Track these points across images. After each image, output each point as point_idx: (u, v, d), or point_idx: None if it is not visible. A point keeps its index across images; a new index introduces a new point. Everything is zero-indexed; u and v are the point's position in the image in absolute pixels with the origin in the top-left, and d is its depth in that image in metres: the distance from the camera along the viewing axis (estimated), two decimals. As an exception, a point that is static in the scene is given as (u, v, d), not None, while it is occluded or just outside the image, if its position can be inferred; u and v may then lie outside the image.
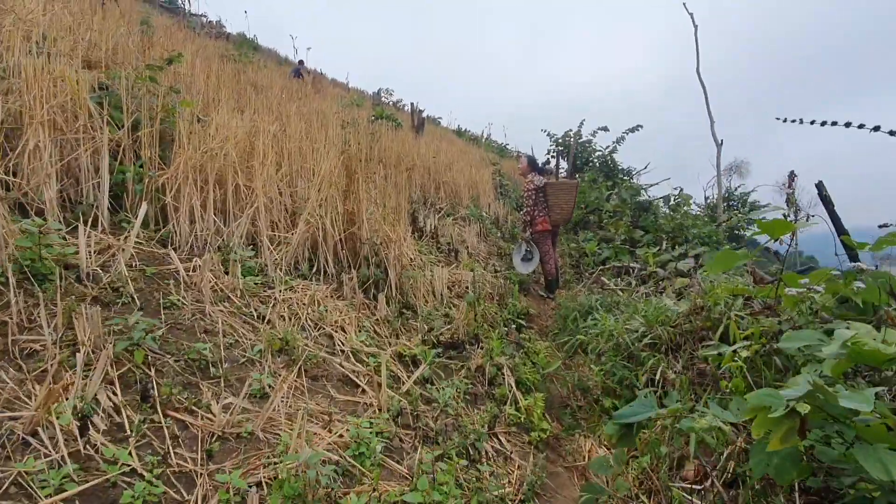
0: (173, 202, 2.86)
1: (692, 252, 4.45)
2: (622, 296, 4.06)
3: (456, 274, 4.45)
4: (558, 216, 4.81)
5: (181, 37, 8.09)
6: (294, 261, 3.12)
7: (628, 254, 5.58)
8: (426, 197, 7.09)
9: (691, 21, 11.75)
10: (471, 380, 2.68)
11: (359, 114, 10.10)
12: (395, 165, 6.55)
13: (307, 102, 6.91)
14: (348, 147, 5.09)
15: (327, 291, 3.00)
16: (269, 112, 4.57)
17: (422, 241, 5.00)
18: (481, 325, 3.18)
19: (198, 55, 5.97)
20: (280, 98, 5.57)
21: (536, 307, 4.81)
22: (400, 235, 3.54)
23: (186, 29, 10.61)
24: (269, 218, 3.29)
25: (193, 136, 3.07)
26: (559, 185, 4.75)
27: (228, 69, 6.06)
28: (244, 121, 3.58)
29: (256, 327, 2.37)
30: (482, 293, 4.19)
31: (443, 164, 8.16)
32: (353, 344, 2.51)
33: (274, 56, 20.79)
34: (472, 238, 6.01)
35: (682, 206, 6.87)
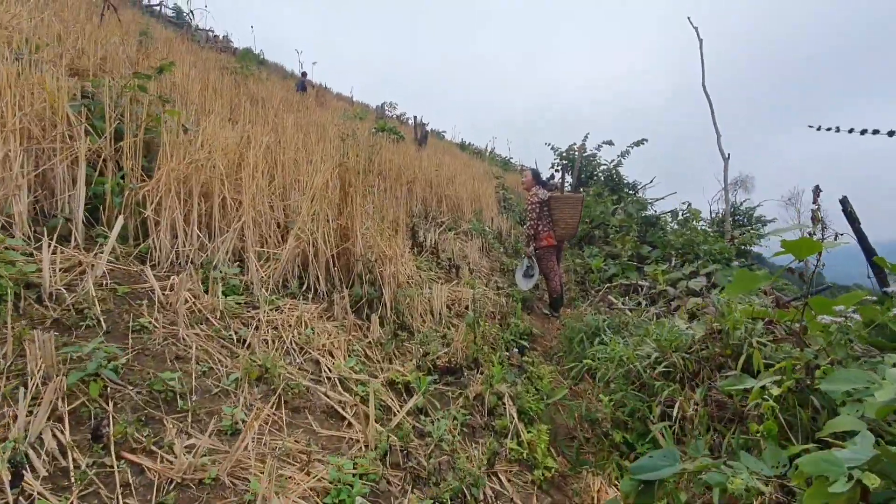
0: (154, 216, 2.69)
1: (704, 270, 4.24)
2: (631, 316, 3.84)
3: (456, 291, 4.26)
4: (563, 231, 4.63)
5: (182, 49, 8.06)
6: (283, 278, 2.94)
7: (636, 270, 5.37)
8: (427, 211, 6.93)
9: (696, 35, 11.67)
10: (469, 409, 2.47)
11: (361, 126, 10.03)
12: (395, 178, 6.41)
13: (307, 114, 6.81)
14: (346, 159, 4.95)
15: (316, 311, 2.81)
16: (264, 123, 4.44)
17: (421, 257, 4.81)
18: (481, 349, 2.98)
19: (195, 66, 5.89)
20: (277, 109, 5.45)
21: (540, 326, 4.60)
22: (396, 251, 3.36)
23: (190, 42, 10.65)
24: (259, 233, 3.12)
25: (179, 146, 2.92)
26: (564, 199, 4.58)
27: (226, 80, 5.97)
28: (235, 131, 3.44)
29: (235, 353, 2.17)
30: (483, 312, 3.99)
31: (445, 178, 8.02)
32: (340, 371, 2.31)
33: (280, 70, 20.95)
34: (474, 253, 5.82)
35: (691, 220, 6.67)
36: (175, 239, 2.71)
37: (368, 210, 4.01)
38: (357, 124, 9.99)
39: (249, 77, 8.29)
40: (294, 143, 4.34)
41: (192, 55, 7.96)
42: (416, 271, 4.26)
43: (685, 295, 4.04)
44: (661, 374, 2.46)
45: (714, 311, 3.45)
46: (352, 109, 15.62)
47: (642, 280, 4.72)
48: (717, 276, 4.12)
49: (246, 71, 8.52)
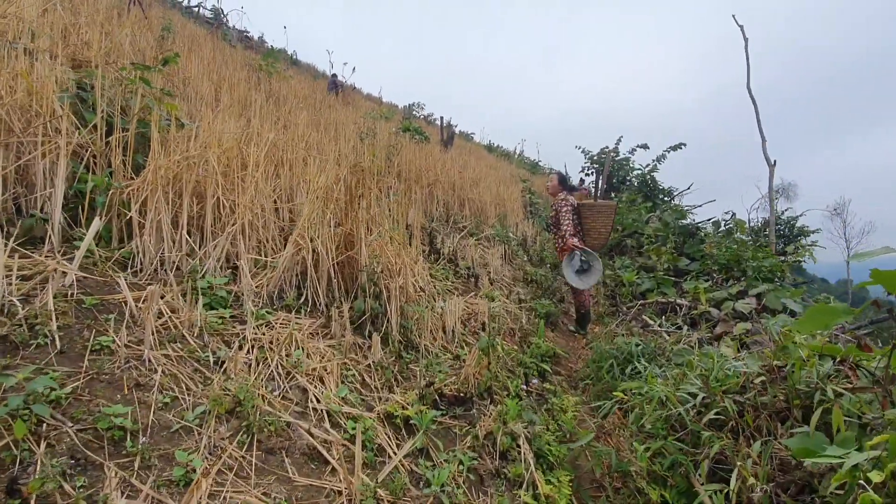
0: (139, 217, 2.46)
1: (753, 290, 3.76)
2: (669, 341, 3.41)
3: (473, 304, 3.91)
4: (595, 241, 4.21)
5: (208, 46, 8.00)
6: (278, 289, 2.66)
7: (672, 286, 4.90)
8: (449, 214, 6.61)
9: (741, 34, 10.96)
10: (477, 451, 2.12)
11: (384, 126, 9.81)
12: (415, 180, 6.12)
13: (328, 112, 6.60)
14: (361, 160, 4.68)
15: (312, 328, 2.52)
16: (276, 120, 4.21)
17: (438, 265, 4.49)
18: (495, 376, 2.62)
19: (213, 61, 5.75)
20: (292, 106, 5.23)
21: (564, 345, 4.20)
22: (406, 261, 3.04)
23: (219, 40, 10.66)
24: (256, 238, 2.86)
25: (171, 142, 2.69)
26: (596, 207, 4.17)
27: (244, 77, 5.80)
28: (236, 126, 3.20)
29: (209, 378, 1.89)
30: (501, 330, 3.63)
31: (469, 180, 7.68)
32: (330, 402, 2.00)
33: (312, 71, 21.06)
34: (496, 261, 5.46)
35: (734, 232, 6.11)
36: (161, 244, 2.47)
37: (379, 214, 3.72)
38: (381, 124, 9.78)
39: (273, 75, 8.17)
40: (305, 141, 4.10)
41: (218, 52, 7.91)
42: (429, 281, 3.95)
43: (731, 318, 3.58)
44: (710, 421, 2.05)
45: (768, 342, 2.99)
46: (379, 109, 15.47)
47: (680, 298, 4.25)
48: (768, 297, 3.64)
49: (270, 69, 8.40)
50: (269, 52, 9.66)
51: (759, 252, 4.32)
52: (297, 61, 21.96)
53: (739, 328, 3.26)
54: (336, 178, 3.04)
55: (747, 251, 4.25)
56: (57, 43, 3.15)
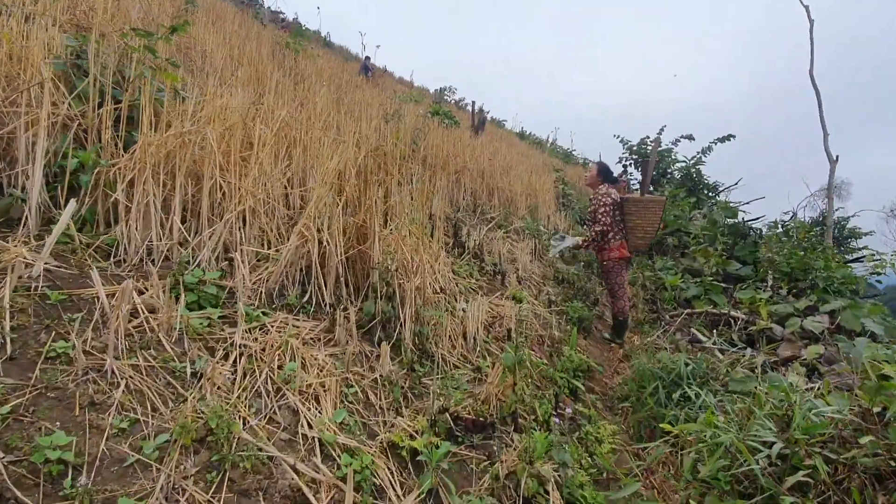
0: (125, 200, 2.19)
1: (826, 307, 3.25)
2: (723, 361, 2.97)
3: (498, 306, 3.55)
4: (640, 241, 3.75)
5: (235, 22, 7.78)
6: (279, 286, 2.36)
7: (722, 293, 4.39)
8: (476, 204, 6.23)
9: (807, 16, 9.99)
10: (497, 495, 1.78)
11: (413, 109, 9.43)
12: (442, 167, 5.75)
13: (353, 92, 6.27)
14: (383, 142, 4.34)
15: (314, 332, 2.21)
16: (292, 97, 3.91)
17: (461, 260, 4.13)
18: (521, 399, 2.26)
19: (235, 36, 5.49)
20: (313, 84, 4.92)
21: (599, 355, 3.79)
22: (424, 257, 2.70)
23: (250, 17, 10.46)
24: (259, 226, 2.56)
25: (166, 115, 2.41)
26: (643, 202, 3.69)
27: (266, 52, 5.52)
28: (244, 100, 2.89)
29: (182, 396, 1.61)
30: (529, 337, 3.25)
31: (499, 168, 7.25)
32: (324, 428, 1.69)
33: (345, 53, 20.82)
34: (525, 257, 5.06)
35: (793, 235, 5.50)
36: (149, 230, 2.20)
37: (399, 203, 3.38)
38: (408, 107, 9.40)
39: (300, 53, 7.88)
40: (323, 121, 3.77)
41: (244, 29, 7.67)
42: (451, 278, 3.60)
43: (798, 338, 3.09)
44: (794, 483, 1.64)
45: (850, 374, 2.52)
46: (409, 93, 15.08)
47: (734, 309, 3.76)
48: (844, 315, 3.13)
49: (298, 47, 8.12)
50: (297, 31, 9.38)
51: (831, 260, 3.77)
52: (329, 43, 21.77)
53: (811, 352, 2.78)
54: (350, 161, 2.70)
55: (818, 259, 3.70)
56: (59, 7, 2.90)
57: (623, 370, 3.56)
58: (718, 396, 2.51)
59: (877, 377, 2.29)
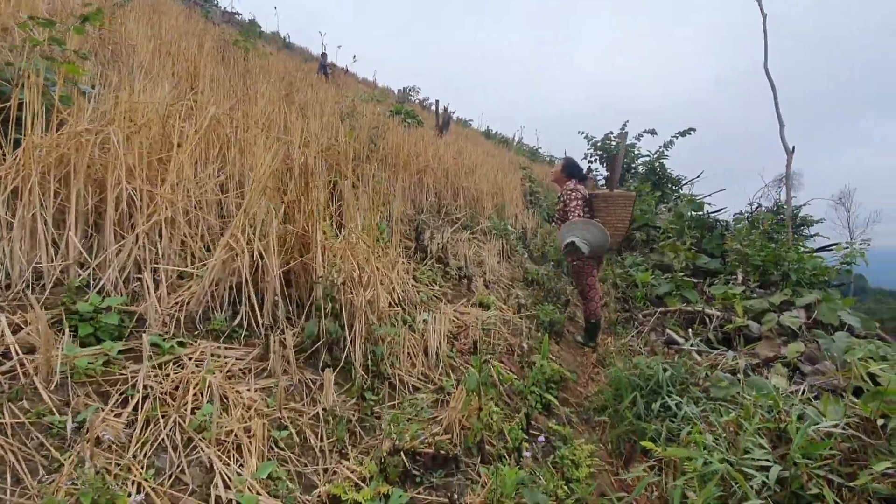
0: (6, 215, 1.81)
1: (801, 300, 3.14)
2: (702, 364, 2.80)
3: (463, 315, 3.29)
4: (611, 238, 3.57)
5: (178, 18, 7.28)
6: (203, 309, 2.02)
7: (694, 288, 4.27)
8: (441, 204, 5.96)
9: (759, 9, 10.20)
10: (461, 548, 1.51)
11: (374, 109, 9.10)
12: (403, 167, 5.45)
13: (306, 91, 5.90)
14: (336, 142, 4.02)
15: (244, 362, 1.89)
16: (227, 93, 3.54)
17: (424, 266, 3.86)
18: (487, 424, 2.00)
19: (173, 30, 5.05)
20: (256, 78, 4.54)
21: (572, 360, 3.59)
22: (374, 266, 2.40)
23: (197, 14, 9.87)
24: (181, 239, 2.22)
25: (60, 113, 2.04)
26: (612, 198, 3.51)
27: (207, 48, 5.09)
28: (164, 96, 2.53)
29: (57, 461, 1.27)
30: (497, 348, 3.01)
31: (464, 167, 7.01)
32: (245, 487, 1.38)
33: (305, 54, 20.20)
34: (493, 259, 4.83)
35: (759, 226, 5.47)
36: (37, 250, 1.83)
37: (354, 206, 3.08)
38: (367, 106, 9.05)
39: (249, 51, 7.42)
40: (265, 119, 3.43)
41: (189, 25, 7.17)
42: (412, 286, 3.32)
43: (776, 335, 2.96)
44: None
45: (836, 376, 2.38)
46: (371, 93, 14.68)
47: (708, 306, 3.63)
48: (821, 309, 3.02)
49: (248, 44, 7.66)
50: (247, 28, 8.89)
51: (802, 252, 3.68)
52: (289, 44, 21.11)
53: (791, 350, 2.64)
54: (287, 162, 2.39)
55: (790, 251, 3.61)
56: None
57: (598, 377, 3.36)
58: (701, 405, 2.32)
59: (866, 376, 2.14)
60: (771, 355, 2.71)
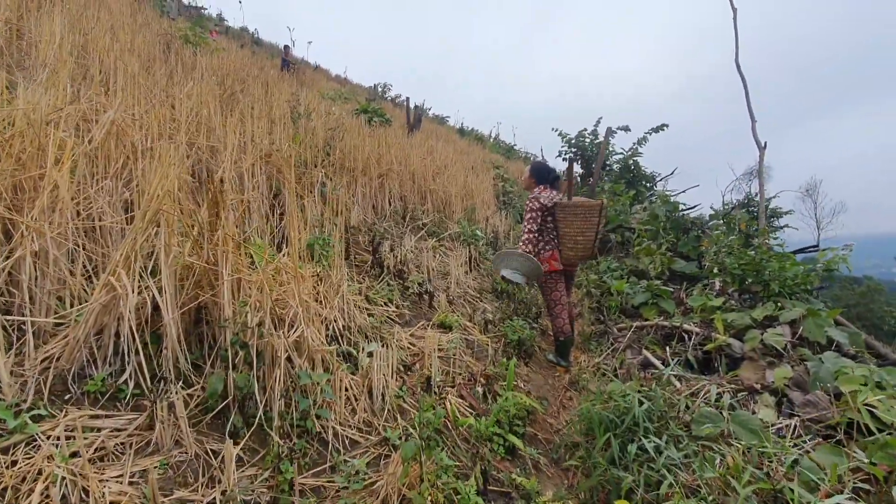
0: None
1: (785, 315, 2.90)
2: (682, 390, 2.53)
3: (420, 339, 2.95)
4: (572, 252, 3.25)
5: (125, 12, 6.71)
6: (76, 366, 1.63)
7: (671, 297, 4.03)
8: (407, 210, 5.61)
9: (730, 5, 10.10)
10: None
11: (339, 108, 8.67)
12: (362, 171, 5.07)
13: (255, 88, 5.44)
14: (276, 147, 3.61)
15: (128, 433, 1.51)
16: (146, 95, 3.10)
17: (379, 283, 3.50)
18: (433, 495, 1.67)
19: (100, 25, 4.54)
20: (181, 77, 4.10)
21: (542, 383, 3.29)
22: (302, 298, 2.04)
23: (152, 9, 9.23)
24: (59, 277, 1.81)
25: None
26: (572, 208, 3.19)
27: (138, 43, 4.61)
28: (47, 97, 2.11)
29: None
30: (457, 378, 2.68)
31: (431, 169, 6.66)
32: None
33: (275, 50, 19.50)
34: (459, 270, 4.50)
35: (735, 227, 5.28)
36: None
37: (299, 219, 2.72)
38: (326, 104, 8.59)
39: (199, 46, 6.90)
40: (193, 123, 3.01)
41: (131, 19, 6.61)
42: (364, 308, 2.97)
43: (760, 356, 2.71)
44: None
45: (830, 408, 2.12)
46: (339, 90, 14.16)
47: (686, 320, 3.37)
48: (807, 325, 2.79)
49: (198, 39, 7.13)
50: (197, 20, 8.32)
51: (784, 259, 3.46)
52: (258, 40, 20.39)
53: (779, 377, 2.38)
54: (185, 179, 2.00)
55: (771, 260, 3.39)
56: None
57: (570, 402, 3.07)
58: (683, 446, 2.04)
59: (863, 409, 1.89)
60: (756, 385, 2.46)
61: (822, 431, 2.20)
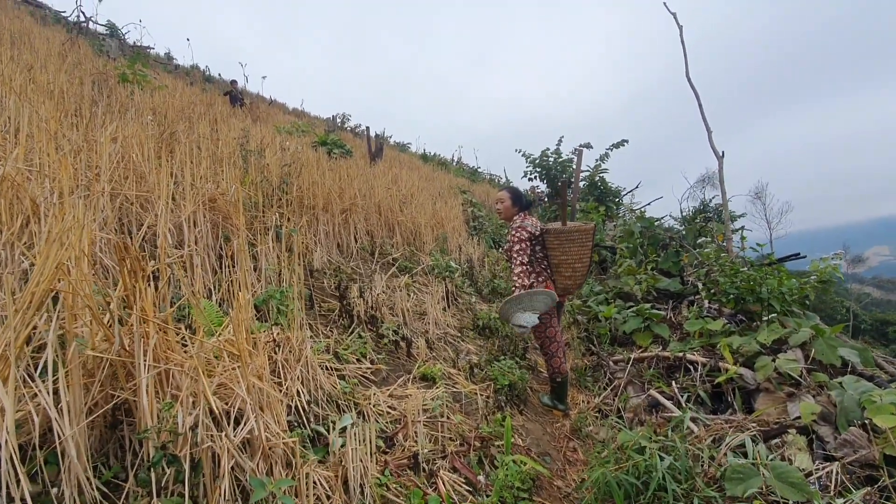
0: None
1: (795, 338, 2.68)
2: (703, 436, 2.24)
3: (402, 399, 2.56)
4: (570, 281, 2.98)
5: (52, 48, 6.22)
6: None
7: (663, 320, 3.80)
8: (375, 246, 5.25)
9: (675, 21, 10.46)
10: None
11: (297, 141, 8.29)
12: (323, 208, 4.70)
13: (201, 126, 5.02)
14: (220, 191, 3.21)
15: None
16: (61, 139, 2.66)
17: (350, 334, 3.11)
18: None
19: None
20: (101, 116, 3.67)
21: (540, 433, 2.94)
22: (253, 381, 1.65)
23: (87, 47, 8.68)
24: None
25: None
26: (567, 234, 2.93)
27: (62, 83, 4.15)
28: None
29: None
30: (448, 446, 2.30)
31: (398, 199, 6.35)
32: None
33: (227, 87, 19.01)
34: (436, 308, 4.15)
35: (710, 241, 5.18)
36: None
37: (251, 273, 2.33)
38: (291, 138, 8.22)
39: (139, 84, 6.43)
40: (111, 169, 2.59)
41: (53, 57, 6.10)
42: (333, 370, 2.57)
43: (776, 386, 2.47)
44: None
45: (869, 447, 1.87)
46: (296, 123, 13.77)
47: (690, 351, 3.12)
48: (817, 346, 2.58)
49: (138, 77, 6.66)
50: (135, 56, 7.84)
51: (777, 274, 3.30)
52: (210, 77, 19.91)
53: (805, 413, 2.13)
54: (108, 238, 1.60)
55: (769, 277, 3.20)
56: None
57: (574, 455, 2.73)
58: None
59: None
60: (780, 419, 2.20)
61: (862, 473, 1.95)
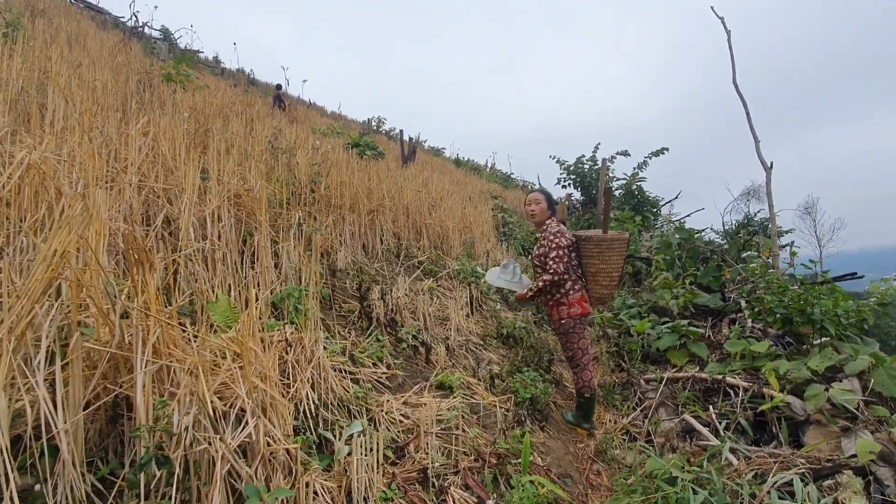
0: None
1: (852, 366, 2.41)
2: (743, 470, 2.02)
3: (416, 408, 2.45)
4: (606, 290, 2.80)
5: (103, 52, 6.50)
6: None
7: (700, 339, 3.55)
8: (400, 248, 5.19)
9: (723, 26, 10.02)
10: None
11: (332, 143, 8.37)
12: (350, 208, 4.68)
13: (238, 125, 5.11)
14: (246, 186, 3.21)
15: None
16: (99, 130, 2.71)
17: (367, 338, 3.03)
18: None
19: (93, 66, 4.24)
20: (130, 111, 3.74)
21: (562, 452, 2.77)
22: (252, 383, 1.58)
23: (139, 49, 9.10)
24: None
25: None
26: (608, 242, 2.75)
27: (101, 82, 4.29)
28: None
29: None
30: (461, 461, 2.18)
31: (426, 202, 6.28)
32: None
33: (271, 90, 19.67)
34: (459, 314, 4.03)
35: (756, 257, 4.85)
36: None
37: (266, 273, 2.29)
38: (325, 139, 8.31)
39: (182, 85, 6.65)
40: (139, 162, 2.61)
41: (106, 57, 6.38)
42: (347, 371, 2.49)
43: (829, 418, 2.22)
44: None
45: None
46: (332, 125, 14.00)
47: (730, 374, 2.87)
48: (876, 378, 2.31)
49: (182, 77, 6.89)
50: (181, 58, 8.13)
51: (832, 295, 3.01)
52: (254, 80, 20.70)
53: (863, 451, 1.89)
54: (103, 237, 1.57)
55: (822, 297, 2.92)
56: None
57: (598, 479, 2.55)
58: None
59: None
60: (834, 456, 1.97)
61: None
